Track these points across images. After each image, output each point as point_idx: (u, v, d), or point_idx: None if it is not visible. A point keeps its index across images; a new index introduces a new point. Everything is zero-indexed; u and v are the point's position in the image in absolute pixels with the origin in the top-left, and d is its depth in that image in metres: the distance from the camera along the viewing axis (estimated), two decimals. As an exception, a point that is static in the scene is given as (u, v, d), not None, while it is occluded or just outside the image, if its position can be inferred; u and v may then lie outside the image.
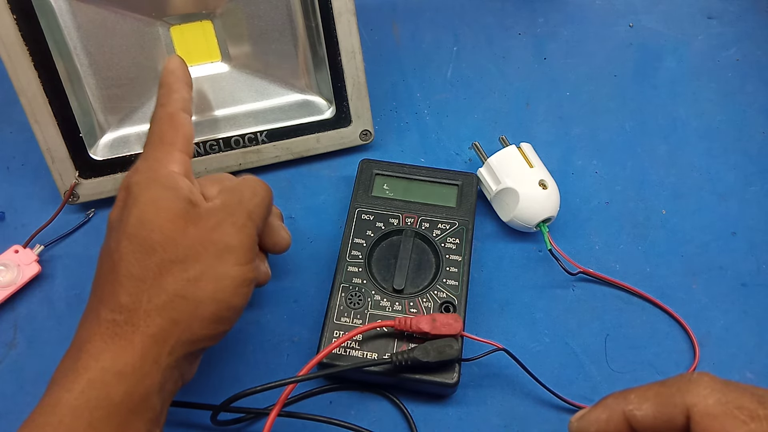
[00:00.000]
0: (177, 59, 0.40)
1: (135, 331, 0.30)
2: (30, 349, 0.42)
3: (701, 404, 0.26)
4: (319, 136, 0.50)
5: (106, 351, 0.29)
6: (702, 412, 0.26)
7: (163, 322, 0.30)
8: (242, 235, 0.33)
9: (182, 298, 0.31)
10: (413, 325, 0.38)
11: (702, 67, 0.59)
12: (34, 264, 0.45)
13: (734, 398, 0.26)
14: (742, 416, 0.26)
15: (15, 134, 0.52)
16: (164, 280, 0.31)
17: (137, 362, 0.29)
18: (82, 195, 0.46)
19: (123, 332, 0.30)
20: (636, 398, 0.29)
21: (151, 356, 0.30)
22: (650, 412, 0.28)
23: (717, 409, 0.26)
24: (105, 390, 0.29)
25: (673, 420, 0.27)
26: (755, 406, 0.26)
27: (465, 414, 0.40)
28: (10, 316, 0.44)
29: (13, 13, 0.40)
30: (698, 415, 0.26)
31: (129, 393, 0.29)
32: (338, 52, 0.47)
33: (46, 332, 0.43)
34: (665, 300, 0.45)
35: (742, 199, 0.50)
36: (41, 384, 0.30)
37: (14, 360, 0.42)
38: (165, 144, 0.35)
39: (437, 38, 0.60)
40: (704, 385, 0.27)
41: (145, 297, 0.30)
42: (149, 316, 0.30)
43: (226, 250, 0.32)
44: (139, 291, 0.30)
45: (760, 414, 0.26)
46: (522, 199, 0.45)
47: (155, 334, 0.30)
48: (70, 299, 0.44)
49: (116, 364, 0.29)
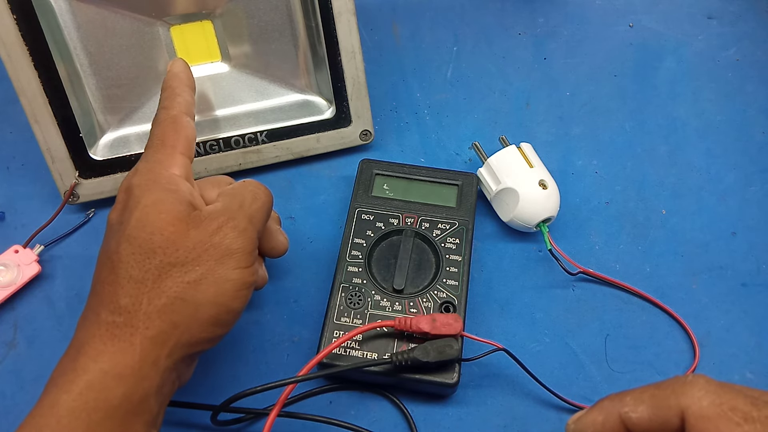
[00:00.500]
0: (181, 62, 0.40)
1: (134, 333, 0.30)
2: (30, 349, 0.42)
3: (695, 406, 0.27)
4: (319, 136, 0.50)
5: (105, 353, 0.29)
6: (696, 414, 0.26)
7: (162, 324, 0.30)
8: (243, 238, 0.33)
9: (182, 300, 0.31)
10: (413, 325, 0.38)
11: (702, 67, 0.59)
12: (34, 264, 0.45)
13: (728, 400, 0.26)
14: (736, 418, 0.26)
15: (15, 134, 0.52)
16: (164, 282, 0.30)
17: (136, 364, 0.29)
18: (82, 195, 0.46)
19: (122, 334, 0.30)
20: (631, 400, 0.29)
21: (150, 358, 0.30)
22: (645, 414, 0.28)
23: (711, 410, 0.26)
24: (103, 392, 0.29)
25: (668, 422, 0.27)
26: (749, 408, 0.26)
27: (465, 414, 0.40)
28: (10, 316, 0.44)
29: (13, 13, 0.40)
30: (692, 417, 0.26)
31: (127, 395, 0.29)
32: (338, 52, 0.47)
33: (46, 332, 0.43)
34: (665, 300, 0.45)
35: (742, 199, 0.50)
36: (41, 384, 0.30)
37: (14, 360, 0.42)
38: (167, 146, 0.35)
39: (437, 38, 0.60)
40: (699, 387, 0.27)
41: (145, 299, 0.30)
42: (149, 319, 0.30)
43: (227, 253, 0.32)
44: (139, 293, 0.30)
45: (754, 416, 0.26)
46: (522, 199, 0.45)
47: (154, 336, 0.30)
48: (70, 299, 0.44)
49: (115, 366, 0.29)
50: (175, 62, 0.39)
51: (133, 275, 0.30)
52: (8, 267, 0.44)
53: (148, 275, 0.30)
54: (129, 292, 0.30)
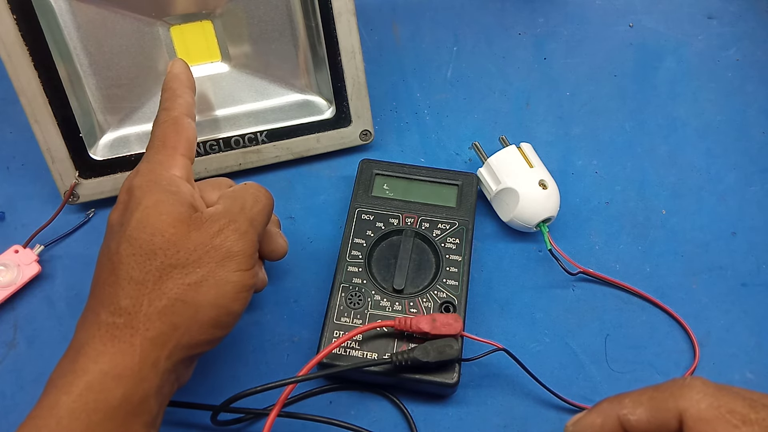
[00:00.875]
0: (181, 63, 0.40)
1: (134, 335, 0.30)
2: (30, 349, 0.42)
3: (693, 408, 0.27)
4: (319, 136, 0.50)
5: (105, 354, 0.29)
6: (694, 416, 0.26)
7: (162, 326, 0.30)
8: (244, 241, 0.33)
9: (183, 302, 0.31)
10: (413, 325, 0.38)
11: (702, 67, 0.59)
12: (34, 264, 0.45)
13: (726, 402, 0.26)
14: (734, 420, 0.26)
15: (15, 134, 0.52)
16: (165, 284, 0.30)
17: (136, 366, 0.29)
18: (82, 195, 0.46)
19: (122, 335, 0.30)
20: (630, 403, 0.29)
21: (150, 360, 0.30)
22: (644, 416, 0.28)
23: (709, 413, 0.26)
24: (103, 393, 0.29)
25: (666, 424, 0.27)
26: (747, 410, 0.26)
27: (465, 414, 0.40)
28: (10, 316, 0.44)
29: (13, 13, 0.40)
30: (691, 419, 0.26)
31: (127, 396, 0.29)
32: (338, 52, 0.47)
33: (46, 332, 0.43)
34: (665, 300, 0.45)
35: (742, 199, 0.50)
36: (41, 384, 0.30)
37: (14, 360, 0.42)
38: (168, 148, 0.35)
39: (437, 38, 0.60)
40: (697, 390, 0.27)
41: (146, 301, 0.30)
42: (149, 320, 0.30)
43: (228, 256, 0.32)
44: (140, 294, 0.30)
45: (751, 418, 0.26)
46: (522, 199, 0.45)
47: (155, 337, 0.30)
48: (70, 299, 0.44)
49: (115, 368, 0.29)
50: (175, 63, 0.39)
51: (133, 276, 0.30)
52: (8, 267, 0.44)
53: (148, 276, 0.30)
54: (129, 293, 0.30)
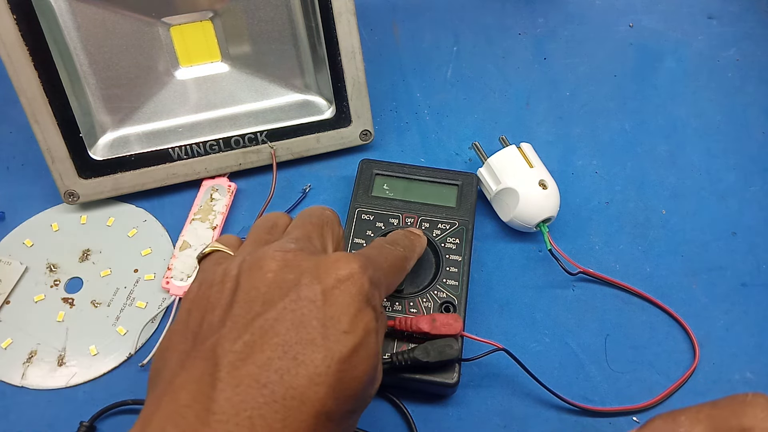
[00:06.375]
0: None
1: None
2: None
3: (759, 427, 0.25)
4: (319, 136, 0.49)
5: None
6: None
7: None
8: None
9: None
10: (413, 325, 0.38)
11: (702, 67, 0.59)
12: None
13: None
14: None
15: (15, 134, 0.52)
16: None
17: None
18: (82, 195, 0.46)
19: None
20: (687, 421, 0.27)
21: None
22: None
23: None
24: None
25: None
26: None
27: (465, 414, 0.40)
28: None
29: (13, 13, 0.40)
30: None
31: None
32: (338, 52, 0.47)
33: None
34: (665, 300, 0.45)
35: (742, 199, 0.50)
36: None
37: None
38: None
39: (437, 38, 0.60)
40: (762, 407, 0.26)
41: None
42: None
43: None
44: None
45: None
46: (522, 199, 0.45)
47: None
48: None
49: None
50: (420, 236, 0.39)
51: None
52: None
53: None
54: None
